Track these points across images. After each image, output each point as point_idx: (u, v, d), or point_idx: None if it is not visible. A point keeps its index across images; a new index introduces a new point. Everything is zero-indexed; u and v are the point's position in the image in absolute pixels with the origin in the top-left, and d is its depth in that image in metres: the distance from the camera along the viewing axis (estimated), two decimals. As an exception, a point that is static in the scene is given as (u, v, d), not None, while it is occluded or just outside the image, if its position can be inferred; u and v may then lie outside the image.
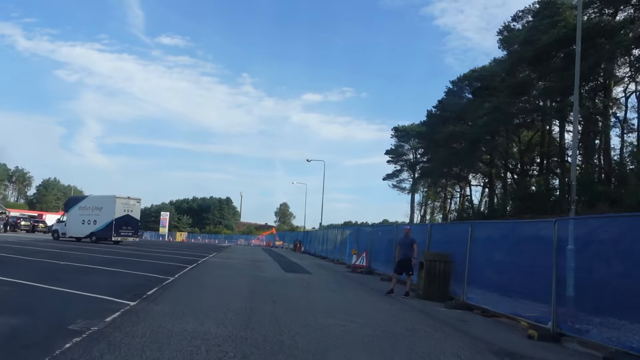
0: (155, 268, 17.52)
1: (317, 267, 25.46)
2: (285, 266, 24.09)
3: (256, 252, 41.93)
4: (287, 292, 13.33)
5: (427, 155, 61.87)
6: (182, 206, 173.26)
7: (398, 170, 76.18)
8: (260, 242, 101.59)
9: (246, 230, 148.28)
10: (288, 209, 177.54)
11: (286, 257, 35.05)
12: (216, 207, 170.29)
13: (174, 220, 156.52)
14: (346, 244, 29.40)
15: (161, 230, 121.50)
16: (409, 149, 74.36)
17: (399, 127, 74.32)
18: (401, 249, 14.64)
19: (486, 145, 43.40)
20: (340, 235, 31.53)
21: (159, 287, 12.00)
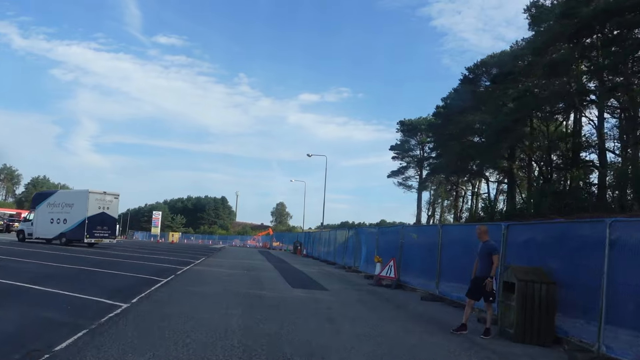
0: (105, 288, 12.16)
1: (330, 278, 20.12)
2: (290, 277, 18.75)
3: (252, 256, 36.64)
4: (305, 332, 8.01)
5: (438, 150, 56.63)
6: (176, 205, 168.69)
7: (404, 167, 71.07)
8: (257, 243, 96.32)
9: (242, 230, 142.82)
10: (285, 209, 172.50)
11: (288, 262, 29.79)
12: (211, 207, 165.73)
13: (167, 220, 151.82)
14: (360, 248, 24.12)
15: (153, 230, 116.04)
16: (416, 145, 69.20)
17: (405, 120, 69.19)
18: (478, 261, 9.41)
19: (511, 136, 38.23)
20: (353, 237, 26.20)
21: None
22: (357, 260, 24.52)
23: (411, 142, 68.79)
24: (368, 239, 23.23)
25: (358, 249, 24.60)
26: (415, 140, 68.33)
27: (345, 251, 27.54)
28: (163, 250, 36.30)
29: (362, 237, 24.40)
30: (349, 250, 26.93)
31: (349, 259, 26.58)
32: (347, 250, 27.24)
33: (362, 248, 23.87)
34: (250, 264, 25.76)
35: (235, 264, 25.04)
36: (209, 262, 24.83)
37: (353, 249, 25.50)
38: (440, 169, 55.16)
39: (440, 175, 57.98)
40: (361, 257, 23.78)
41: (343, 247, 28.06)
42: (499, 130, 38.89)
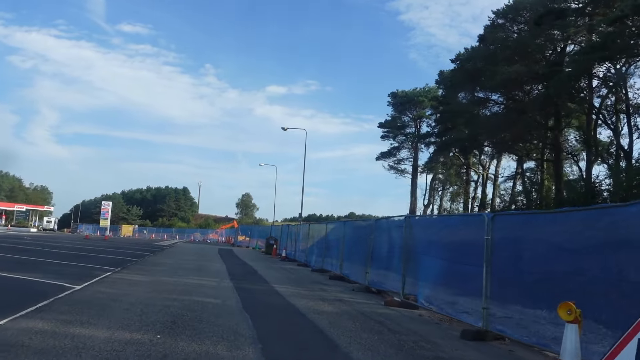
0: None
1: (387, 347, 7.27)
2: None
3: (205, 261, 23.58)
4: None
5: (447, 122, 44.30)
6: (134, 196, 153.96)
7: (395, 147, 58.64)
8: (219, 237, 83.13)
9: (204, 223, 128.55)
10: (251, 200, 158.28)
11: (262, 276, 16.94)
12: (172, 198, 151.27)
13: (122, 212, 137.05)
14: (418, 259, 11.43)
15: (102, 223, 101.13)
16: (411, 120, 56.91)
17: (397, 92, 56.75)
18: None
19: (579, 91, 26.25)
20: (403, 234, 13.13)
21: None
22: (395, 278, 12.14)
23: (405, 117, 56.59)
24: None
25: (408, 257, 11.93)
26: (410, 115, 56.12)
27: (368, 259, 14.70)
28: (86, 248, 23.16)
29: (431, 235, 11.57)
30: (376, 259, 14.21)
31: (377, 274, 13.96)
32: (372, 258, 14.45)
33: (421, 259, 11.24)
34: (190, 288, 12.70)
35: (161, 284, 12.14)
36: (114, 282, 11.90)
37: (401, 258, 12.64)
38: (449, 147, 43.06)
39: (448, 155, 46.03)
40: (412, 274, 11.30)
41: (366, 253, 15.08)
42: (558, 86, 26.90)
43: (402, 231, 12.46)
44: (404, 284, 11.71)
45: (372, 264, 14.48)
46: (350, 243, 17.32)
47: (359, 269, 15.73)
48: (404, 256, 11.98)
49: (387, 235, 14.00)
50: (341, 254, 17.95)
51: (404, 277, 11.76)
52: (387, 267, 13.72)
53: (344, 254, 17.81)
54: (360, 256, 15.74)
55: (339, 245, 18.48)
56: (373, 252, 14.49)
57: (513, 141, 35.22)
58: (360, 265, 15.57)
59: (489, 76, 32.16)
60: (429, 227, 12.77)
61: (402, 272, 11.81)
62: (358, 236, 16.57)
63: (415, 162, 55.88)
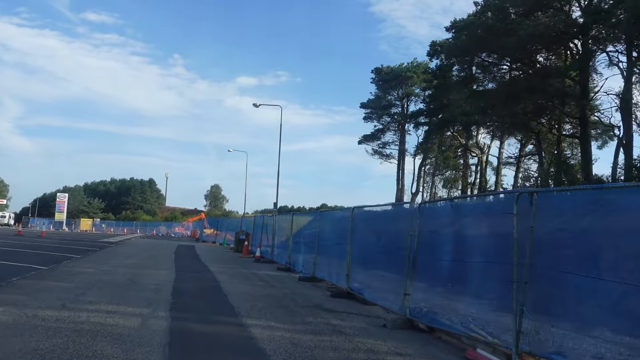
0: None
1: None
2: None
3: (151, 263, 16.88)
4: None
5: (443, 97, 38.11)
6: (97, 189, 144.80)
7: (380, 130, 52.43)
8: (185, 230, 75.90)
9: (170, 216, 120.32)
10: (220, 192, 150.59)
11: (228, 299, 10.47)
12: (137, 190, 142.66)
13: (83, 205, 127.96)
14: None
15: (57, 217, 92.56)
16: (398, 99, 50.78)
17: (382, 68, 50.47)
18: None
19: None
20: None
21: None
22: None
23: (390, 96, 50.45)
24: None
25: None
26: (397, 94, 49.97)
27: (407, 265, 8.44)
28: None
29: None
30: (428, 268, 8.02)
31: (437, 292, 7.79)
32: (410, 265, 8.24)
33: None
34: (68, 344, 6.22)
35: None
36: None
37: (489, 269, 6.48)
38: (447, 125, 37.07)
39: (443, 136, 40.10)
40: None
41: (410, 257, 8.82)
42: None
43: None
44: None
45: (418, 277, 8.22)
46: (368, 241, 10.97)
47: (387, 284, 9.48)
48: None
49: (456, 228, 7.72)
50: (349, 257, 11.59)
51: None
52: (452, 287, 7.48)
53: (354, 257, 11.47)
54: (390, 263, 9.45)
55: (344, 243, 12.10)
56: (416, 259, 8.24)
57: (532, 114, 29.38)
58: (391, 279, 9.28)
59: (505, 33, 26.06)
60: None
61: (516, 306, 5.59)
62: (390, 231, 10.17)
63: (402, 145, 50.02)
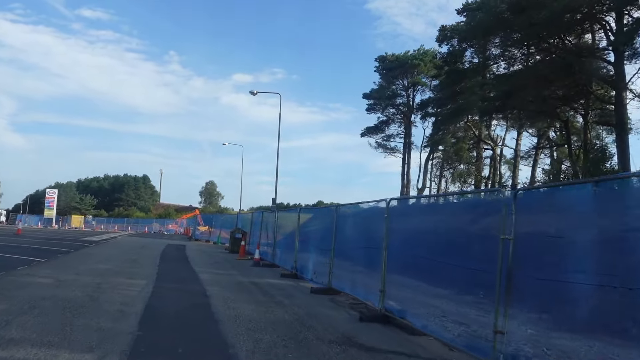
0: None
1: None
2: None
3: (129, 270, 13.54)
4: None
5: (456, 85, 35.00)
6: (90, 185, 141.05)
7: (384, 121, 49.31)
8: (179, 227, 72.71)
9: (164, 213, 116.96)
10: (215, 188, 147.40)
11: (219, 329, 7.47)
12: (131, 187, 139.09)
13: (75, 201, 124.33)
14: None
15: (46, 213, 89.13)
16: (403, 89, 47.66)
17: (387, 56, 47.32)
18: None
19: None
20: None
21: None
22: None
23: (395, 86, 47.34)
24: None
25: None
26: (402, 83, 46.86)
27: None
28: None
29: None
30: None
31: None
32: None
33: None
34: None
35: None
36: None
37: None
38: (462, 114, 33.97)
39: (456, 126, 37.02)
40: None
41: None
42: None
43: None
44: None
45: (517, 304, 5.18)
46: (417, 245, 7.87)
47: (450, 306, 6.42)
48: None
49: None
50: (384, 265, 8.48)
51: None
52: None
53: (392, 266, 8.37)
54: (458, 280, 6.39)
55: (374, 247, 8.97)
56: (513, 275, 5.21)
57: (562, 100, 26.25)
58: (460, 301, 6.22)
59: (537, 5, 22.93)
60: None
61: None
62: (457, 232, 7.06)
63: (408, 138, 46.96)
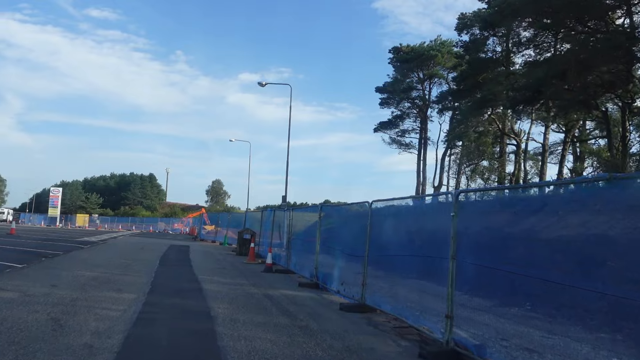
0: None
1: None
2: None
3: (118, 279, 11.33)
4: None
5: (477, 75, 32.59)
6: (97, 184, 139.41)
7: (398, 116, 46.94)
8: (184, 227, 70.66)
9: (170, 212, 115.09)
10: (222, 187, 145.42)
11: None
12: (137, 186, 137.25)
13: (80, 200, 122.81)
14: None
15: (50, 212, 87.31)
16: (418, 82, 45.27)
17: (402, 47, 44.93)
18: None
19: None
20: None
21: None
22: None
23: (410, 78, 44.97)
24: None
25: None
26: (417, 76, 44.51)
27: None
28: None
29: None
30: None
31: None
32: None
33: None
34: None
35: None
36: None
37: None
38: (486, 105, 31.57)
39: (479, 119, 34.60)
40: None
41: None
42: None
43: None
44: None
45: None
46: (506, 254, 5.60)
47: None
48: None
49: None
50: (451, 282, 6.19)
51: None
52: None
53: (464, 284, 6.08)
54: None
55: (433, 256, 6.68)
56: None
57: (602, 87, 23.76)
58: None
59: None
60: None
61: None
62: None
63: (424, 133, 44.55)
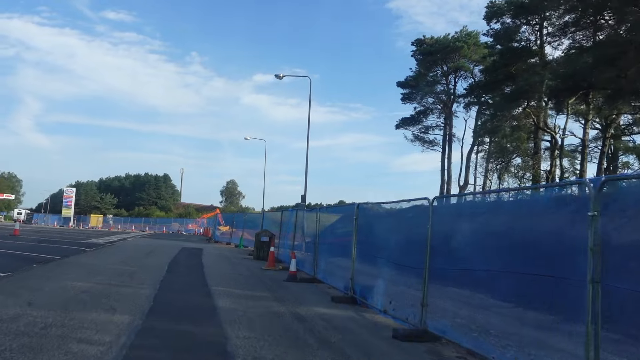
0: None
1: None
2: None
3: (110, 294, 9.11)
4: None
5: (511, 65, 30.07)
6: (112, 184, 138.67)
7: (421, 112, 44.48)
8: (198, 227, 68.80)
9: (184, 212, 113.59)
10: (236, 188, 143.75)
11: None
12: (151, 186, 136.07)
13: (95, 201, 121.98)
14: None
15: (64, 212, 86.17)
16: (442, 75, 42.80)
17: (425, 39, 42.48)
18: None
19: None
20: None
21: None
22: None
23: (434, 72, 42.57)
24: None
25: None
26: (441, 70, 42.07)
27: None
28: None
29: None
30: None
31: None
32: None
33: None
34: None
35: None
36: None
37: None
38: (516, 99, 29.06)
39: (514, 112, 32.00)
40: None
41: None
42: None
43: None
44: None
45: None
46: None
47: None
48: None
49: None
50: (589, 310, 3.91)
51: None
52: None
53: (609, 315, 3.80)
54: None
55: (571, 275, 4.40)
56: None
57: None
58: None
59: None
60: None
61: None
62: None
63: (449, 129, 42.09)
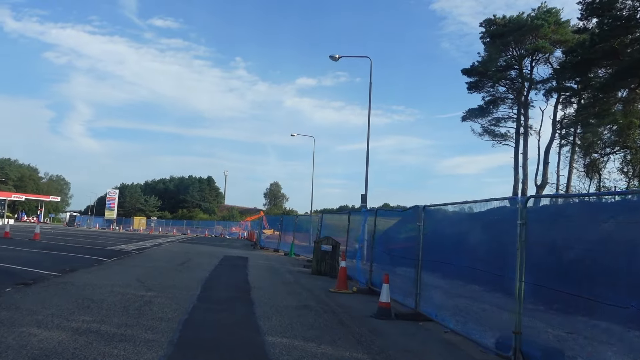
0: None
1: None
2: None
3: (113, 336, 5.09)
4: None
5: (613, 39, 24.52)
6: (157, 187, 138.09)
7: (491, 101, 39.09)
8: (242, 230, 65.33)
9: (227, 214, 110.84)
10: (280, 190, 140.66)
11: None
12: (195, 188, 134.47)
13: (140, 203, 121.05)
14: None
15: (107, 215, 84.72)
16: (516, 59, 37.31)
17: (496, 19, 37.15)
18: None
19: None
20: None
21: None
22: None
23: (507, 55, 37.21)
24: None
25: None
26: (514, 53, 36.70)
27: None
28: None
29: None
30: None
31: None
32: None
33: None
34: None
35: None
36: None
37: None
38: (626, 78, 23.61)
39: (625, 92, 26.31)
40: None
41: None
42: None
43: None
44: None
45: None
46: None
47: None
48: None
49: None
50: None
51: None
52: None
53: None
54: None
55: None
56: None
57: None
58: None
59: None
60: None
61: None
62: None
63: (524, 120, 36.42)
